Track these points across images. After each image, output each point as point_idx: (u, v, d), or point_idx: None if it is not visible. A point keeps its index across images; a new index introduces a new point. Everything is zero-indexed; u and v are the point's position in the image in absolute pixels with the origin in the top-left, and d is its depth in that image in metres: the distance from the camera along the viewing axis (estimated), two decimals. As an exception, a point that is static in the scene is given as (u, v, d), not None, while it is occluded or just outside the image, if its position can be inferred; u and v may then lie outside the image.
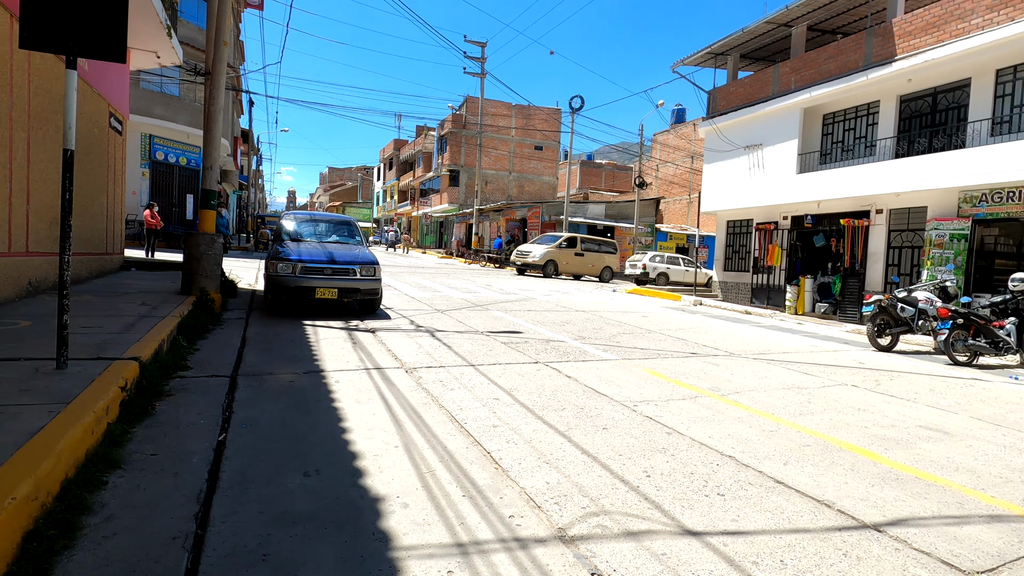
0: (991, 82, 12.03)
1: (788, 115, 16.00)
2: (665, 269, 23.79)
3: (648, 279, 22.88)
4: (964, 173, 11.81)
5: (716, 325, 10.51)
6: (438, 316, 8.88)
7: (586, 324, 9.15)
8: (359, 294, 8.00)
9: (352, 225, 9.61)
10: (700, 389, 5.25)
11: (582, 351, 6.78)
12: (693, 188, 36.19)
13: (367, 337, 6.72)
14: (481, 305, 10.73)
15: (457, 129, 39.00)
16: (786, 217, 16.74)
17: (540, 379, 5.23)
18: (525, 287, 15.92)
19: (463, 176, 39.48)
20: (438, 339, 6.91)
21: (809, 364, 7.05)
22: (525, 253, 21.87)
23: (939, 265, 12.42)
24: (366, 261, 8.16)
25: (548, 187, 41.96)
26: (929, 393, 5.79)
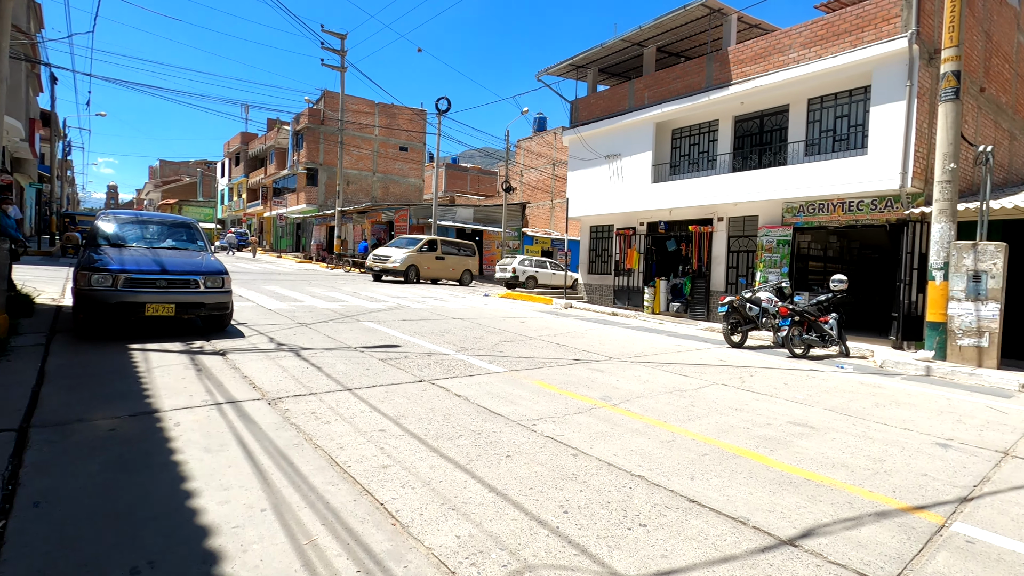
0: (804, 109, 13.94)
1: (643, 128, 17.16)
2: (534, 273, 24.34)
3: (518, 283, 23.23)
4: (785, 187, 13.51)
5: (591, 329, 10.79)
6: (302, 331, 7.91)
7: (466, 333, 8.79)
8: (203, 309, 6.81)
9: (192, 228, 8.22)
10: (593, 400, 5.15)
11: (468, 364, 6.40)
12: (556, 194, 37.76)
13: (216, 361, 5.68)
14: (351, 316, 9.86)
15: (315, 125, 36.45)
16: (643, 223, 17.96)
17: (428, 401, 4.75)
18: (395, 294, 15.14)
19: (322, 175, 37.00)
20: (305, 359, 6.08)
21: (681, 365, 7.41)
22: (383, 258, 20.46)
23: (770, 267, 14.09)
24: (212, 270, 6.98)
25: (414, 189, 41.01)
26: (785, 387, 6.33)
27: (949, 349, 8.45)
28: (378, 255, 20.78)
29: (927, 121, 11.66)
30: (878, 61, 11.81)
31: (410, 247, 20.90)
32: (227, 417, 3.97)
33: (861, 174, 12.07)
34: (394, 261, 20.10)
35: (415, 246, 20.91)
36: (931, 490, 3.44)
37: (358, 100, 37.43)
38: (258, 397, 4.52)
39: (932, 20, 11.64)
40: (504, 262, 24.25)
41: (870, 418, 5.13)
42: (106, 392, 4.38)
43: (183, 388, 4.62)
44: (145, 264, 6.58)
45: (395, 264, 20.06)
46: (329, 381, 5.20)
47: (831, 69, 12.57)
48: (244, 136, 49.64)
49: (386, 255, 20.51)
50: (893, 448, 4.25)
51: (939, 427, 4.96)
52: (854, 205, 12.69)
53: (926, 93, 11.55)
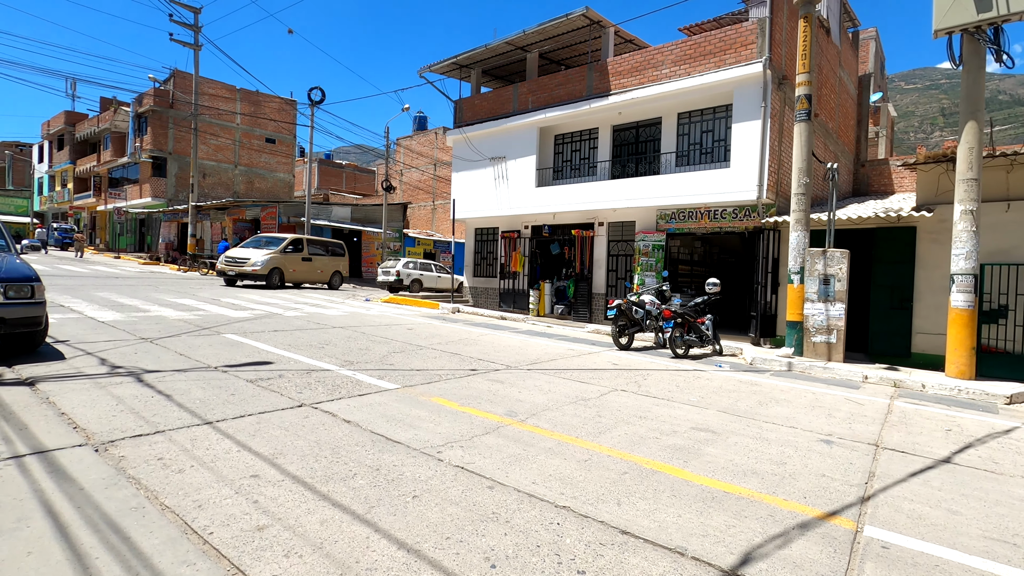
0: (675, 122, 14.87)
1: (527, 132, 17.27)
2: (419, 275, 23.53)
3: (402, 286, 22.30)
4: (659, 195, 14.30)
5: (483, 335, 10.45)
6: (146, 348, 6.61)
7: (350, 344, 7.99)
8: (3, 326, 5.35)
9: (-11, 222, 6.51)
10: (499, 417, 4.78)
11: (355, 382, 5.70)
12: (438, 195, 37.12)
13: (20, 395, 4.42)
14: (209, 328, 8.54)
15: (162, 108, 32.14)
16: (527, 226, 18.08)
17: (312, 431, 4.05)
18: (262, 300, 13.62)
19: (172, 165, 32.74)
20: (149, 385, 4.98)
21: (578, 371, 7.32)
22: (239, 260, 17.77)
23: (647, 271, 14.83)
24: (16, 276, 5.53)
25: (283, 185, 37.92)
26: (679, 390, 6.47)
27: (805, 346, 9.36)
28: (232, 257, 18.07)
29: (777, 139, 12.97)
30: (738, 82, 12.89)
31: (271, 247, 18.61)
32: (31, 476, 2.99)
33: (724, 185, 13.10)
34: (254, 264, 17.60)
35: (278, 246, 18.67)
36: (834, 492, 3.53)
37: (216, 84, 33.70)
38: (81, 442, 3.51)
39: (780, 49, 12.98)
40: (387, 264, 23.14)
41: (759, 417, 5.34)
42: None
43: (-35, 436, 3.46)
44: (-88, 269, 5.00)
45: (255, 267, 17.58)
46: (182, 413, 4.25)
47: (699, 87, 13.51)
48: (70, 116, 42.47)
49: (243, 257, 17.87)
50: (788, 448, 4.39)
51: (816, 422, 5.29)
52: (718, 213, 13.75)
53: (776, 114, 12.83)
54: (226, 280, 18.27)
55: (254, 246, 18.91)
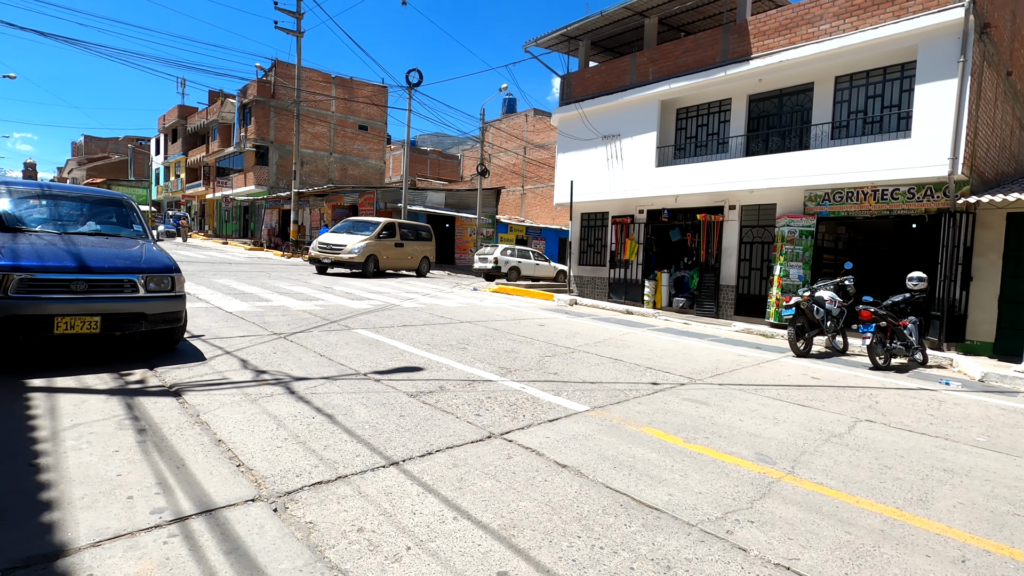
0: (831, 88, 12.75)
1: (646, 106, 15.65)
2: (517, 263, 22.49)
3: (500, 273, 21.42)
4: (809, 173, 12.32)
5: (625, 334, 9.19)
6: (284, 346, 5.92)
7: (492, 344, 7.01)
8: (144, 323, 4.74)
9: (125, 207, 6.01)
10: (752, 464, 3.53)
11: (531, 399, 4.65)
12: (527, 179, 36.04)
13: (167, 410, 3.70)
14: (336, 321, 7.87)
15: (264, 98, 33.12)
16: (642, 210, 16.53)
17: (530, 483, 2.99)
18: (375, 290, 13.09)
19: (273, 154, 33.77)
20: (305, 399, 4.16)
21: (780, 387, 5.91)
22: (335, 247, 16.44)
23: (791, 260, 12.91)
24: (156, 266, 4.91)
25: (375, 171, 38.29)
26: (939, 421, 4.92)
27: (1050, 359, 7.37)
28: (327, 243, 16.69)
29: (975, 103, 10.64)
30: (926, 34, 10.66)
31: (365, 233, 17.16)
32: (201, 553, 2.09)
33: (900, 159, 10.96)
34: (351, 251, 16.26)
35: (372, 231, 17.24)
36: None
37: (313, 73, 34.29)
38: (253, 496, 2.63)
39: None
40: (483, 251, 22.27)
41: (1111, 477, 3.75)
42: (-34, 500, 2.39)
43: (115, 478, 2.68)
44: (53, 258, 4.44)
45: (352, 255, 16.23)
46: (356, 446, 3.34)
47: (869, 43, 11.37)
48: (182, 109, 45.16)
49: (338, 243, 16.51)
50: None
51: None
52: (888, 193, 11.61)
53: (975, 72, 10.51)
54: (318, 268, 17.09)
55: (346, 231, 17.72)
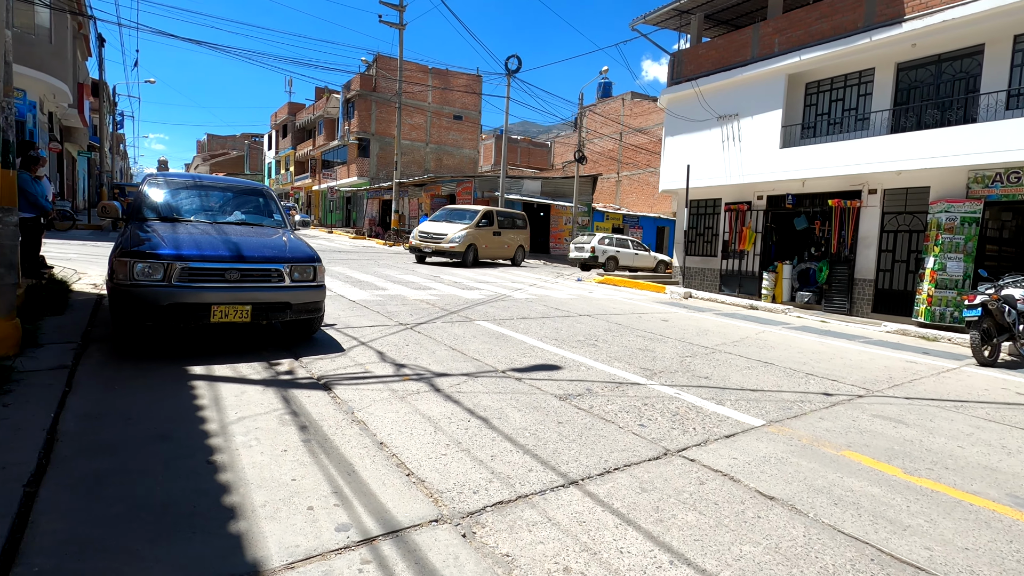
0: (1008, 49, 10.87)
1: (770, 82, 14.28)
2: (615, 252, 21.64)
3: (597, 263, 20.76)
4: (975, 150, 10.59)
5: (760, 332, 8.36)
6: (412, 337, 5.79)
7: (622, 341, 6.52)
8: (289, 312, 4.73)
9: (266, 196, 6.13)
10: (1009, 509, 2.81)
11: (694, 408, 4.13)
12: (622, 165, 34.85)
13: (321, 404, 3.58)
14: (454, 311, 7.72)
15: (366, 92, 34.38)
16: (761, 196, 15.20)
17: (739, 519, 2.50)
18: (482, 279, 12.99)
19: (374, 146, 35.05)
20: (452, 398, 3.92)
21: (987, 405, 4.95)
22: (435, 236, 16.12)
23: (950, 251, 11.23)
24: (300, 256, 4.89)
25: (469, 161, 38.71)
26: None
27: None
28: (427, 232, 16.45)
29: None
30: None
31: (464, 221, 16.72)
32: (408, 596, 1.81)
33: (1105, 131, 9.09)
34: (452, 240, 15.91)
35: (471, 220, 16.76)
36: None
37: (411, 65, 35.06)
38: (434, 516, 2.35)
39: None
40: (580, 240, 21.64)
41: None
42: (156, 500, 2.30)
43: (290, 483, 2.51)
44: (210, 247, 4.51)
45: (453, 244, 15.88)
46: (524, 457, 3.01)
47: (1066, -9, 9.50)
48: (291, 106, 48.15)
49: (438, 232, 16.22)
50: None
51: None
52: (1084, 172, 9.71)
53: None
54: (417, 258, 16.99)
55: (445, 220, 17.49)
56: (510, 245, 18.94)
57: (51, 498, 2.28)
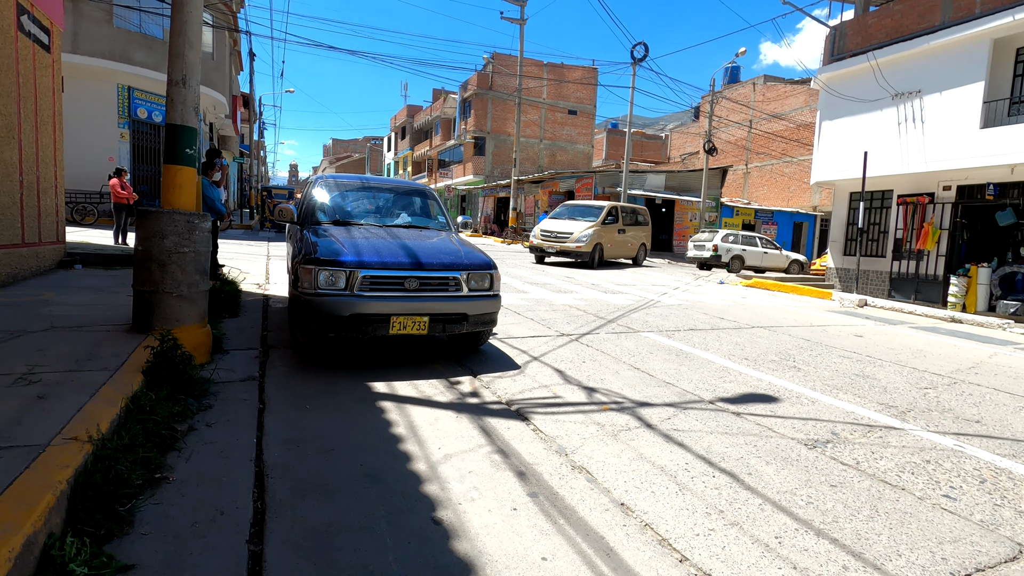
0: None
1: (969, 49, 11.98)
2: (740, 251, 19.76)
3: (719, 263, 18.99)
4: None
5: (992, 355, 6.79)
6: (585, 352, 5.19)
7: (824, 362, 5.46)
8: (466, 324, 4.32)
9: (428, 197, 5.83)
10: None
11: (996, 468, 3.11)
12: (751, 156, 32.16)
13: (526, 440, 3.06)
14: (612, 320, 7.04)
15: (483, 90, 34.72)
16: (948, 187, 12.89)
17: None
18: (621, 281, 12.21)
19: (490, 144, 35.34)
20: (672, 438, 3.24)
21: None
22: (560, 235, 15.03)
23: None
24: (477, 263, 4.46)
25: (582, 156, 37.84)
26: None
27: None
28: (550, 231, 15.43)
29: None
30: None
31: (588, 218, 15.63)
32: None
33: None
34: (578, 240, 14.77)
35: (596, 217, 15.59)
36: None
37: (526, 60, 34.84)
38: (765, 645, 1.67)
39: None
40: (700, 237, 19.85)
41: None
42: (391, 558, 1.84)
43: (541, 563, 1.98)
44: (389, 254, 4.20)
45: (579, 244, 14.73)
46: (819, 541, 2.25)
47: None
48: (410, 109, 50.17)
49: (563, 231, 15.10)
50: None
51: None
52: None
53: None
54: (536, 258, 16.16)
55: (567, 217, 16.44)
56: (632, 244, 17.78)
57: (279, 562, 1.91)
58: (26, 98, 5.76)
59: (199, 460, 2.60)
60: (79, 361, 3.18)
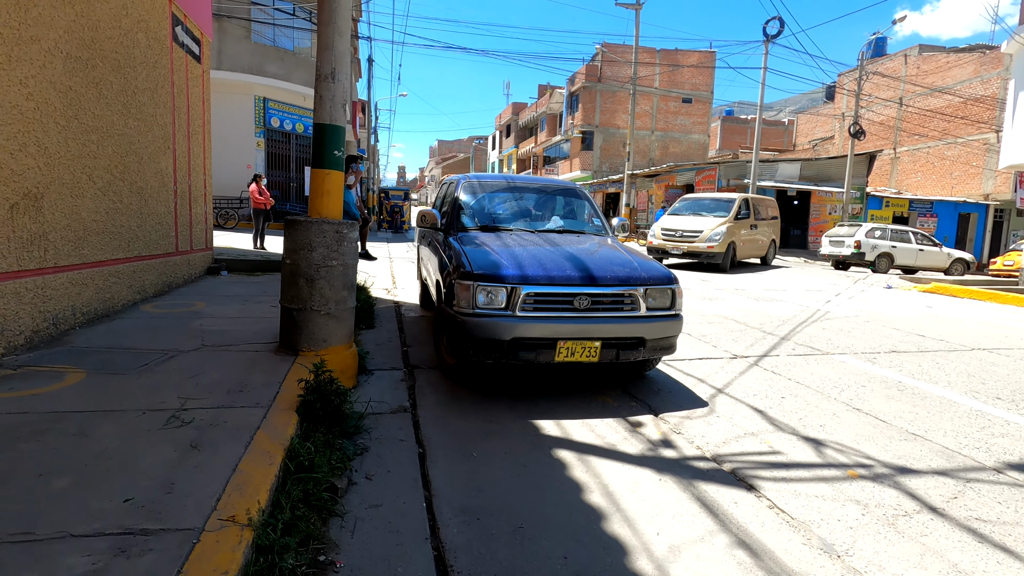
0: None
1: None
2: (889, 249, 16.89)
3: (861, 261, 16.41)
4: None
5: None
6: (773, 382, 4.23)
7: (1124, 409, 4.04)
8: (643, 350, 3.57)
9: (580, 197, 5.13)
10: None
11: None
12: (899, 138, 28.23)
13: (771, 528, 2.23)
14: (784, 335, 5.93)
15: (591, 83, 33.63)
16: None
17: None
18: (762, 284, 10.84)
19: (598, 138, 34.20)
20: (994, 542, 2.25)
21: None
22: (687, 234, 13.24)
23: None
24: (655, 276, 3.69)
25: (697, 146, 35.48)
26: None
27: None
28: (674, 229, 13.71)
29: None
30: None
31: (716, 213, 13.71)
32: None
33: None
34: (709, 239, 12.91)
35: (726, 212, 13.64)
36: None
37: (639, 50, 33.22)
38: None
39: None
40: (836, 232, 17.20)
41: None
42: None
43: None
44: (555, 267, 3.55)
45: (711, 244, 12.87)
46: None
47: None
48: (515, 107, 50.17)
49: (689, 229, 13.25)
50: None
51: None
52: None
53: None
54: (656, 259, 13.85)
55: (691, 213, 14.49)
56: (763, 241, 15.61)
57: None
58: (179, 108, 5.86)
59: (366, 534, 2.08)
60: (231, 392, 2.84)
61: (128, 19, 4.67)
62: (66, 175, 3.82)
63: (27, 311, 3.41)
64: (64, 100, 3.79)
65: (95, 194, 4.21)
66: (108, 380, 2.95)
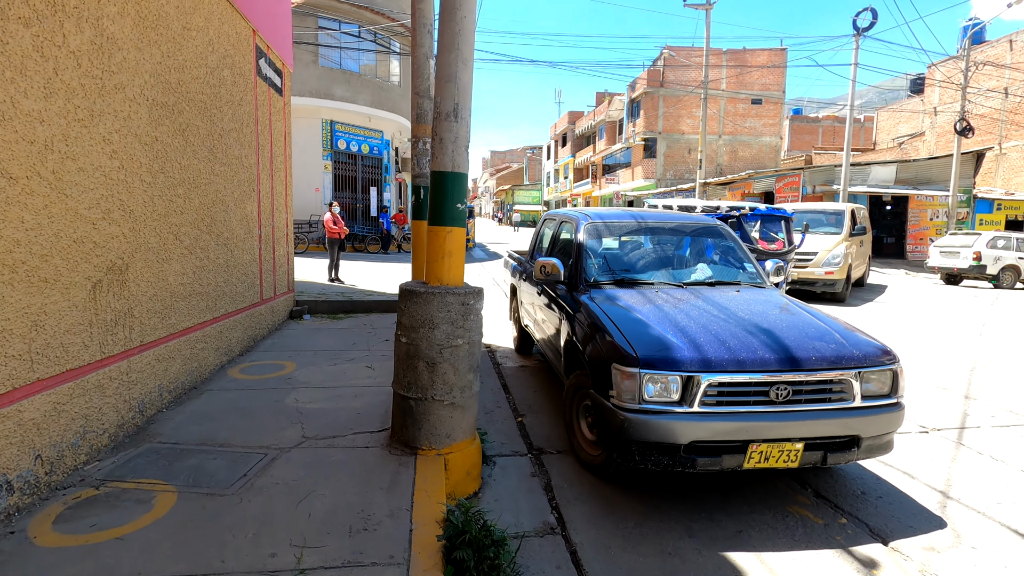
0: None
1: None
2: (1016, 260, 14.90)
3: (982, 275, 14.41)
4: None
5: None
6: (1007, 476, 3.25)
7: None
8: (856, 451, 2.72)
9: (726, 237, 4.23)
10: None
11: None
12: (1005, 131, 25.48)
13: None
14: (973, 397, 4.86)
15: (653, 88, 32.40)
16: None
17: None
18: (894, 313, 9.53)
19: (661, 145, 32.87)
20: None
21: None
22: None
23: None
24: (868, 352, 2.83)
25: (768, 150, 33.51)
26: None
27: None
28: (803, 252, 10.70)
29: None
30: None
31: (827, 230, 11.42)
32: None
33: None
34: (827, 263, 10.42)
35: (838, 227, 11.37)
36: None
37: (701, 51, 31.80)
38: None
39: None
40: (949, 242, 15.17)
41: None
42: None
43: None
44: (738, 343, 2.76)
45: (830, 270, 10.39)
46: None
47: None
48: (571, 115, 49.36)
49: (801, 251, 10.23)
50: None
51: None
52: None
53: None
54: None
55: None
56: (864, 257, 13.26)
57: None
58: (263, 146, 5.46)
59: None
60: (353, 534, 2.20)
61: (214, 55, 4.26)
62: (152, 238, 3.37)
63: (111, 403, 2.94)
64: (150, 153, 3.35)
65: (182, 254, 3.77)
66: (204, 506, 2.39)
